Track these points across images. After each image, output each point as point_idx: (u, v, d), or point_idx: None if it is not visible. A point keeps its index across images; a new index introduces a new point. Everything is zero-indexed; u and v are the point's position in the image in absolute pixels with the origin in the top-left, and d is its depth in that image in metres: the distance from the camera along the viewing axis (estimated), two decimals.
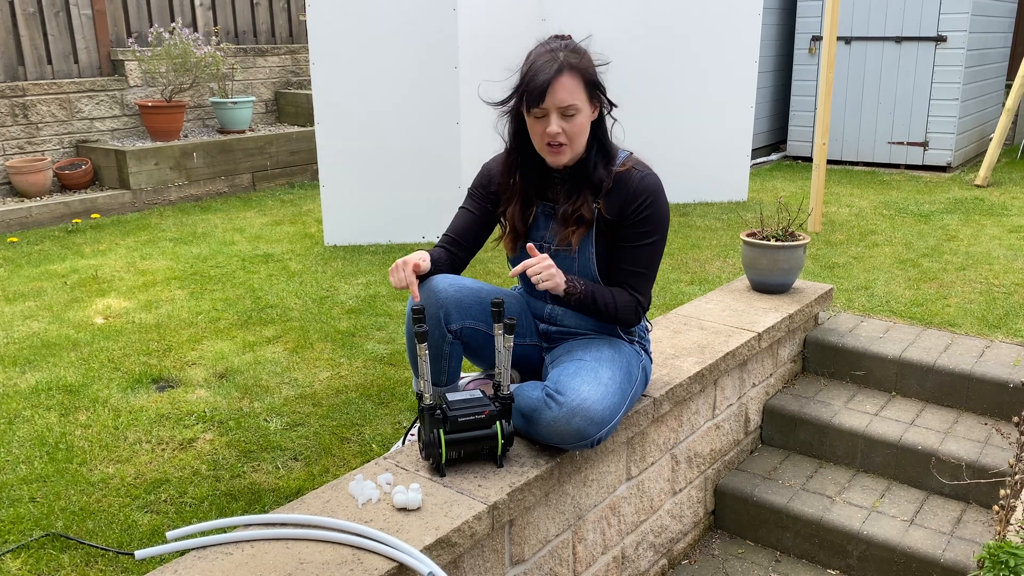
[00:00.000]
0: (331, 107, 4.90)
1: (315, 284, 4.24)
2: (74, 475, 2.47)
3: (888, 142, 7.39)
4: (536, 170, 2.21)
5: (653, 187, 2.18)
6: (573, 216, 2.17)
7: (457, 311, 2.17)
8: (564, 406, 2.02)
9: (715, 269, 4.34)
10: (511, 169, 2.23)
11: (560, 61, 2.03)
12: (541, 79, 2.02)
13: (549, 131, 2.05)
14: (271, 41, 8.04)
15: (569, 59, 2.05)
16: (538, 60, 2.06)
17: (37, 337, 3.56)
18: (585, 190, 2.17)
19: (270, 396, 2.99)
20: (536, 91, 2.02)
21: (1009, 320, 3.54)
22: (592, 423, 2.03)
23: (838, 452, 3.02)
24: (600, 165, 2.16)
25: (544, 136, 2.07)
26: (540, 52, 2.09)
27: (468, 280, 2.22)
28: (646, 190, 2.16)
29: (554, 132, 2.05)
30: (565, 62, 2.04)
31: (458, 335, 2.19)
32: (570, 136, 2.07)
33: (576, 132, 2.08)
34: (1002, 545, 1.64)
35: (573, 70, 2.04)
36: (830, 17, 4.77)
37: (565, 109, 2.04)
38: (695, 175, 6.01)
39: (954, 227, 5.19)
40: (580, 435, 2.03)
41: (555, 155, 2.10)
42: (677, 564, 2.77)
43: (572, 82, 2.04)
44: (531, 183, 2.23)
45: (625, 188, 2.16)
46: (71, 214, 5.80)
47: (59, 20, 6.43)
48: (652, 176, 2.20)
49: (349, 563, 1.69)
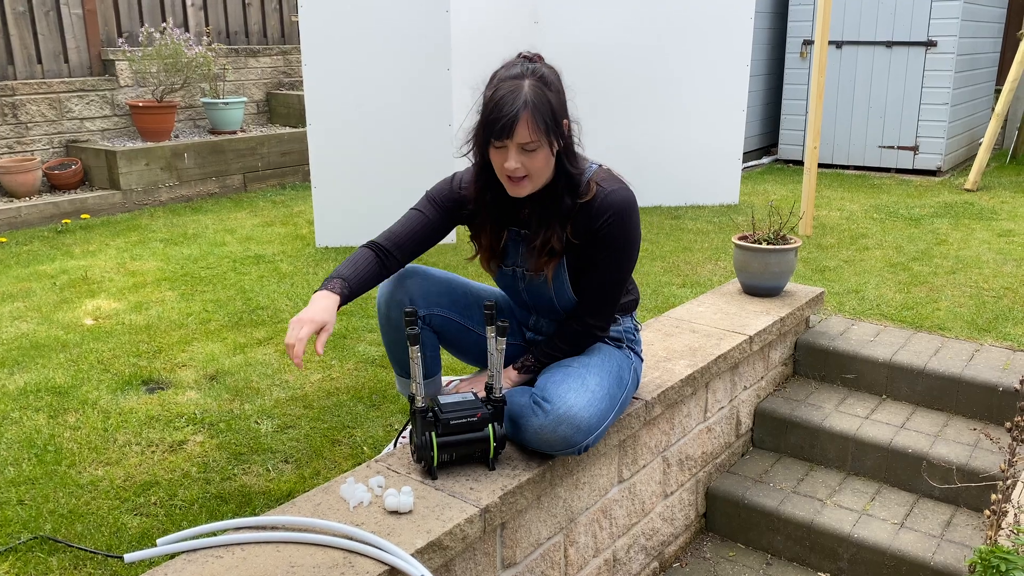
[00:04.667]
0: (323, 108, 4.89)
1: (306, 285, 4.22)
2: (63, 477, 2.45)
3: (879, 146, 7.42)
4: (505, 196, 2.11)
5: (617, 203, 2.07)
6: (544, 249, 2.10)
7: (424, 298, 2.22)
8: (550, 414, 2.01)
9: (707, 272, 4.35)
10: (481, 192, 2.14)
11: (523, 97, 1.92)
12: (503, 115, 1.91)
13: (507, 166, 1.97)
14: (263, 42, 8.02)
15: (533, 94, 1.93)
16: (501, 89, 1.95)
17: (26, 338, 3.53)
18: (554, 221, 2.09)
19: (261, 398, 2.98)
20: (496, 127, 1.92)
21: (998, 324, 3.55)
22: (579, 431, 2.02)
23: (829, 455, 3.03)
24: (567, 195, 2.07)
25: (503, 169, 1.99)
26: (504, 78, 1.97)
27: (437, 270, 2.27)
28: (610, 207, 2.06)
29: (512, 168, 1.96)
30: (528, 99, 1.92)
31: (427, 322, 2.22)
32: (530, 170, 1.98)
33: (537, 167, 1.98)
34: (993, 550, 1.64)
35: (536, 108, 1.92)
36: (821, 21, 4.78)
37: (526, 145, 1.94)
38: (687, 178, 6.02)
39: (944, 231, 5.22)
40: (567, 442, 2.03)
41: (515, 187, 2.02)
42: (668, 567, 2.77)
43: (535, 120, 1.92)
44: (501, 209, 2.15)
45: (590, 208, 2.08)
46: (60, 214, 5.76)
47: (49, 19, 6.40)
48: (619, 191, 2.08)
49: (340, 566, 1.68)
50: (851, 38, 7.33)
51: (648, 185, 5.95)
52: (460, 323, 2.27)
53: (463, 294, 2.32)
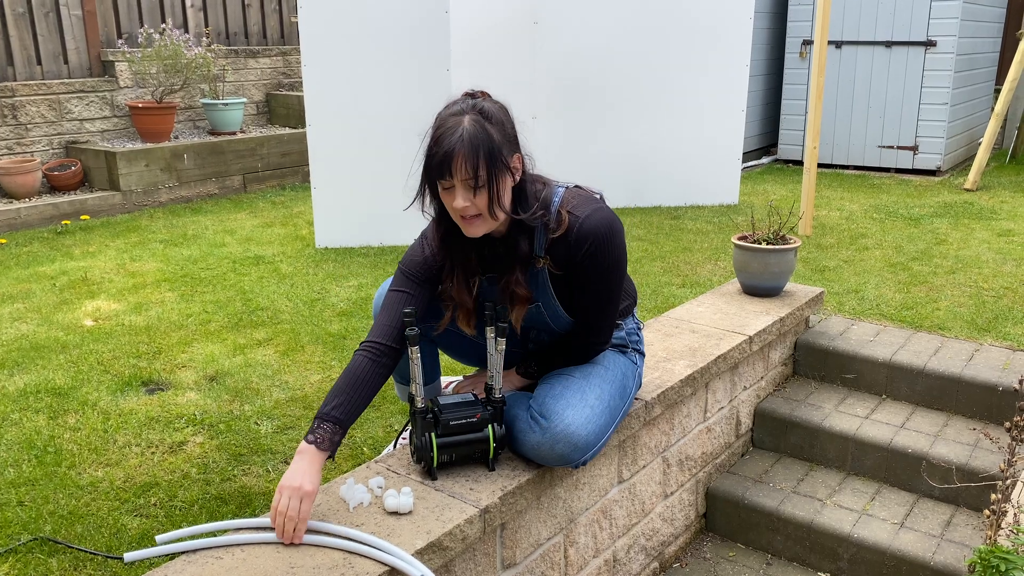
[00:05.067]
0: (322, 109, 4.89)
1: (306, 286, 4.22)
2: (63, 479, 2.45)
3: (878, 146, 7.42)
4: (470, 241, 2.00)
5: (594, 230, 1.97)
6: (506, 295, 2.02)
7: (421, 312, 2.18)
8: (548, 431, 2.00)
9: (706, 272, 4.35)
10: (443, 243, 2.02)
11: (460, 132, 1.83)
12: (442, 151, 1.83)
13: (455, 205, 1.87)
14: (262, 43, 8.02)
15: (472, 130, 1.83)
16: (442, 126, 1.86)
17: (26, 339, 3.53)
18: (514, 265, 2.00)
19: (261, 399, 2.98)
20: (436, 162, 1.84)
21: (998, 324, 3.55)
22: (576, 449, 2.01)
23: (829, 455, 3.03)
24: (523, 240, 1.98)
25: (454, 210, 1.90)
26: (445, 116, 1.89)
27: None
28: (587, 237, 1.96)
29: (460, 206, 1.86)
30: (466, 134, 1.83)
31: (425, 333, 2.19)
32: (481, 208, 1.87)
33: (487, 204, 1.87)
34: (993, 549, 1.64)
35: (472, 143, 1.82)
36: (821, 21, 4.78)
37: (467, 181, 1.84)
38: (686, 178, 6.02)
39: (944, 231, 5.22)
40: (564, 459, 2.03)
41: (470, 226, 1.91)
42: (668, 567, 2.77)
43: (474, 155, 1.82)
44: (467, 254, 2.03)
45: (566, 240, 1.98)
46: (60, 215, 5.76)
47: (49, 20, 6.40)
48: (593, 216, 1.98)
49: (340, 567, 1.68)
50: (850, 38, 7.33)
51: (648, 185, 5.95)
52: (459, 333, 2.25)
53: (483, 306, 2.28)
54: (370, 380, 1.93)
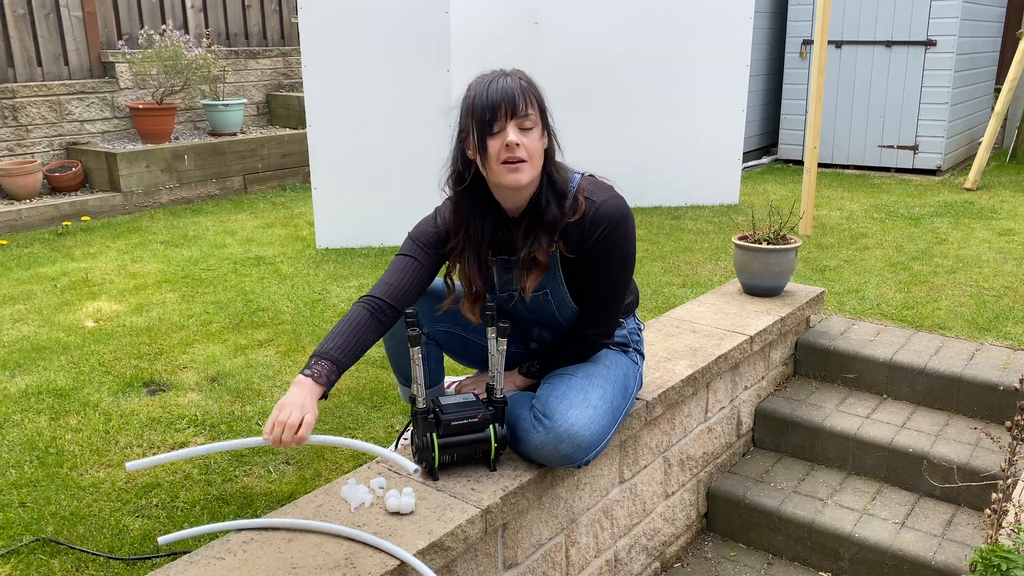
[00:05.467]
0: (323, 109, 4.89)
1: (307, 287, 4.23)
2: (64, 480, 2.46)
3: (878, 146, 7.42)
4: (489, 220, 2.06)
5: (610, 215, 2.01)
6: (527, 261, 2.03)
7: (427, 315, 2.19)
8: (551, 431, 2.00)
9: (707, 272, 4.35)
10: (461, 222, 2.06)
11: (511, 80, 1.95)
12: (497, 92, 1.91)
13: (509, 142, 1.90)
14: (263, 43, 8.03)
15: (521, 77, 1.98)
16: (484, 81, 1.96)
17: (27, 340, 3.54)
18: (540, 232, 2.02)
19: (262, 399, 2.98)
20: (493, 104, 1.91)
21: (999, 323, 3.55)
22: (579, 448, 2.02)
23: (830, 455, 3.03)
24: (553, 203, 2.02)
25: (502, 153, 1.92)
26: (484, 77, 1.98)
27: (438, 284, 2.21)
28: (603, 219, 2.00)
29: (514, 142, 1.90)
30: (518, 81, 1.96)
31: (431, 337, 2.21)
32: (529, 151, 1.93)
33: (534, 148, 1.95)
34: (994, 549, 1.64)
35: (527, 87, 1.96)
36: (821, 21, 4.79)
37: (522, 122, 1.92)
38: (687, 178, 6.02)
39: (944, 230, 5.22)
40: (567, 459, 2.03)
41: (515, 173, 1.94)
42: (670, 567, 2.77)
43: (527, 96, 1.94)
44: (484, 234, 2.07)
45: (581, 225, 2.02)
46: (61, 217, 5.77)
47: (49, 22, 6.40)
48: (609, 202, 2.03)
49: (342, 567, 1.68)
50: (850, 38, 7.33)
51: (648, 185, 5.95)
52: (463, 335, 2.25)
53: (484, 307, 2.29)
54: (368, 330, 1.95)
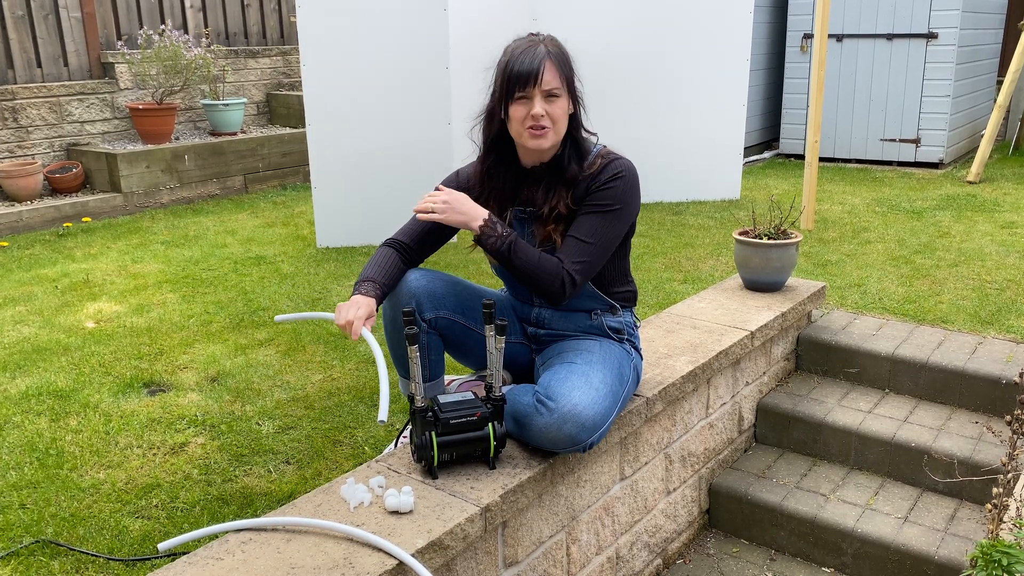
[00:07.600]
0: (322, 108, 4.89)
1: (308, 286, 4.22)
2: (64, 481, 2.46)
3: (880, 139, 7.40)
4: (512, 173, 2.23)
5: (624, 167, 2.18)
6: (552, 214, 2.17)
7: (430, 301, 2.21)
8: (555, 412, 2.01)
9: (708, 268, 4.34)
10: (487, 173, 2.23)
11: (544, 49, 2.10)
12: (527, 62, 2.07)
13: (534, 112, 2.07)
14: (262, 43, 8.02)
15: (554, 49, 2.12)
16: (519, 48, 2.11)
17: (27, 342, 3.54)
18: (560, 187, 2.17)
19: (262, 399, 2.98)
20: (523, 74, 2.06)
21: (1001, 316, 3.54)
22: (584, 429, 2.02)
23: (832, 450, 3.02)
24: (574, 161, 2.18)
25: (527, 120, 2.08)
26: (520, 43, 2.14)
27: (441, 272, 2.28)
28: (615, 168, 2.16)
29: (539, 113, 2.07)
30: (549, 50, 2.11)
31: (433, 325, 2.22)
32: (553, 119, 2.09)
33: (558, 116, 2.10)
34: (995, 544, 1.64)
35: (556, 58, 2.10)
36: (821, 15, 4.77)
37: (549, 91, 2.08)
38: (688, 173, 6.01)
39: (946, 224, 5.20)
40: (572, 441, 2.02)
41: (538, 138, 2.10)
42: (672, 564, 2.77)
43: (555, 68, 2.09)
44: (506, 186, 2.24)
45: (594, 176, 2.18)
46: (62, 218, 5.77)
47: (48, 23, 6.40)
48: (624, 160, 2.20)
49: (341, 567, 1.68)
50: (851, 31, 7.31)
51: (649, 181, 5.94)
52: (464, 324, 2.27)
53: (468, 296, 2.31)
54: (397, 265, 2.20)
